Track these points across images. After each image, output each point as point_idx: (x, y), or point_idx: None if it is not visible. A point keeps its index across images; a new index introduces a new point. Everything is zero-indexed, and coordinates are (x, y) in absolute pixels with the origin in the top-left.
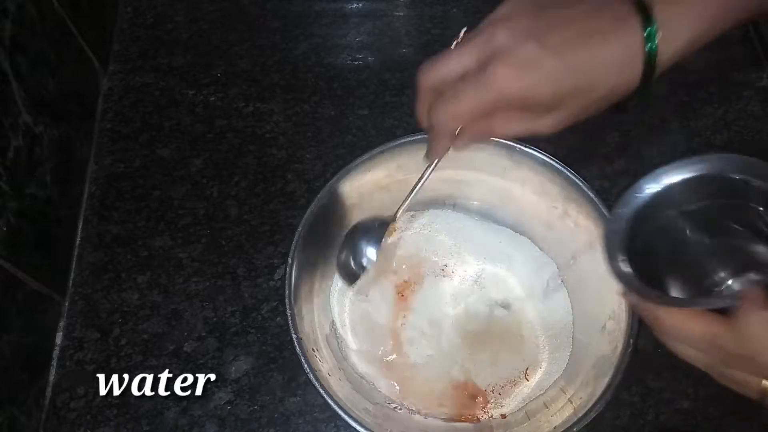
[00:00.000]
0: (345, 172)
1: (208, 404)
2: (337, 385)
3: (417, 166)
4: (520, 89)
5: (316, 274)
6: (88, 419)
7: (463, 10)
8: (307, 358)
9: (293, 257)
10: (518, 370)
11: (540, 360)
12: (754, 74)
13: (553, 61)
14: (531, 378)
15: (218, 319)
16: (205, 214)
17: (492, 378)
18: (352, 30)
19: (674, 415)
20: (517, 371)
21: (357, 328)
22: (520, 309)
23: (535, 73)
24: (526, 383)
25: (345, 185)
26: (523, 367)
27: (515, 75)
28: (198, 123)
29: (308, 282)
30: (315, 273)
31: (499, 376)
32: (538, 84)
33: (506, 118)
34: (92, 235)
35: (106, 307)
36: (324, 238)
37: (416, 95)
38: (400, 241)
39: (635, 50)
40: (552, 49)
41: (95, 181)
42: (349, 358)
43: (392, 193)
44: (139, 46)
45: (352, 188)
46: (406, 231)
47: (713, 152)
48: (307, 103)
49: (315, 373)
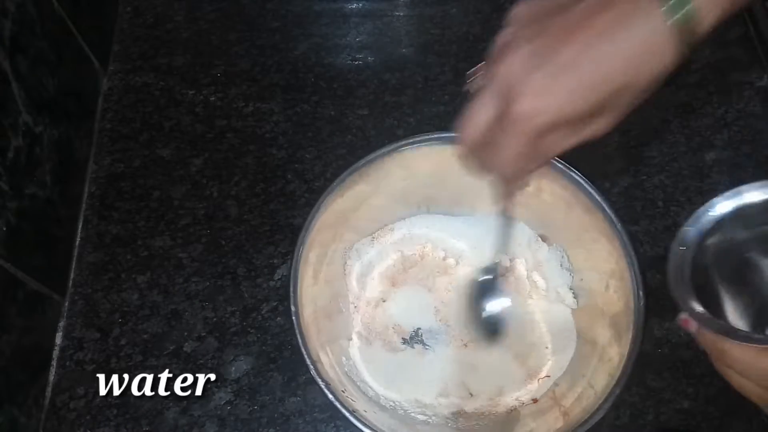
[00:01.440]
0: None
1: (208, 404)
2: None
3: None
4: (550, 117)
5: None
6: (88, 419)
7: (463, 10)
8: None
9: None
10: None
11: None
12: (754, 74)
13: (571, 77)
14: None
15: (218, 319)
16: (205, 214)
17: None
18: (352, 30)
19: (674, 415)
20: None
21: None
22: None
23: (557, 96)
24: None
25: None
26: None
27: (538, 107)
28: (198, 123)
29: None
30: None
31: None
32: (564, 106)
33: (556, 139)
34: (92, 235)
35: (106, 307)
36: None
37: (463, 157)
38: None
39: (660, 29)
40: (565, 66)
41: (95, 181)
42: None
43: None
44: (139, 46)
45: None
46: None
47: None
48: (307, 103)
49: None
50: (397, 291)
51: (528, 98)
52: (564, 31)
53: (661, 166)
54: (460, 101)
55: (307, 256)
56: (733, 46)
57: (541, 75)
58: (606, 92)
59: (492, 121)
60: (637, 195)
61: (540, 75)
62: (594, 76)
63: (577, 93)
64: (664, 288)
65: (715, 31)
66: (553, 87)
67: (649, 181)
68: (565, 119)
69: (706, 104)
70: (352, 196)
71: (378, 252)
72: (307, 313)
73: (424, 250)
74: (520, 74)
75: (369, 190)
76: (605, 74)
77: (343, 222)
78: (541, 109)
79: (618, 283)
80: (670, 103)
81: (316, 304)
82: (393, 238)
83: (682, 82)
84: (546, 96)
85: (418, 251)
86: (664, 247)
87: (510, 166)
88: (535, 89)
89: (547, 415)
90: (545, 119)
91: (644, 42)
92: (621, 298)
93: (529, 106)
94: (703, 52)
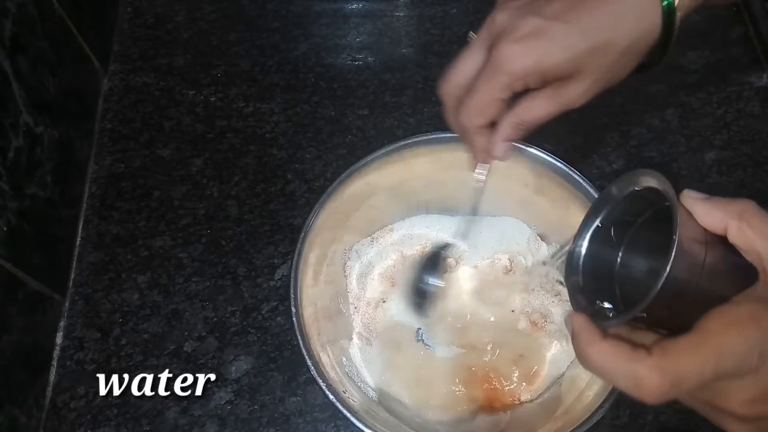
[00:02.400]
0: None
1: (208, 404)
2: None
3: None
4: (531, 61)
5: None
6: (89, 419)
7: (462, 10)
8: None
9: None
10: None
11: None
12: (754, 74)
13: (558, 25)
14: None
15: (218, 319)
16: (206, 214)
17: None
18: (352, 30)
19: (674, 415)
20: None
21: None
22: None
23: (542, 41)
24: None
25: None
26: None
27: (521, 49)
28: (198, 123)
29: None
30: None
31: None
32: (547, 52)
33: (531, 101)
34: (92, 235)
35: (107, 307)
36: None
37: (443, 108)
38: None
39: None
40: (555, 16)
41: (95, 181)
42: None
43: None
44: (139, 46)
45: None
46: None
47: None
48: (307, 103)
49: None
50: (397, 291)
51: (510, 43)
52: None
53: (661, 166)
54: None
55: (307, 257)
56: (733, 46)
57: (529, 22)
58: (587, 45)
59: (475, 69)
60: None
61: (528, 22)
62: (578, 27)
63: (561, 41)
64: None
65: (700, 11)
66: (536, 35)
67: None
68: (543, 70)
69: (706, 104)
70: (351, 196)
71: (378, 252)
72: (308, 314)
73: (424, 250)
74: (509, 21)
75: (369, 190)
76: (589, 27)
77: (343, 222)
78: (524, 52)
79: None
80: (670, 103)
81: (316, 304)
82: (393, 239)
83: (682, 82)
84: (530, 40)
85: (418, 251)
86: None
87: (480, 115)
88: (519, 36)
89: (547, 414)
90: (527, 62)
91: (628, 3)
92: None
93: (510, 50)
94: (703, 52)
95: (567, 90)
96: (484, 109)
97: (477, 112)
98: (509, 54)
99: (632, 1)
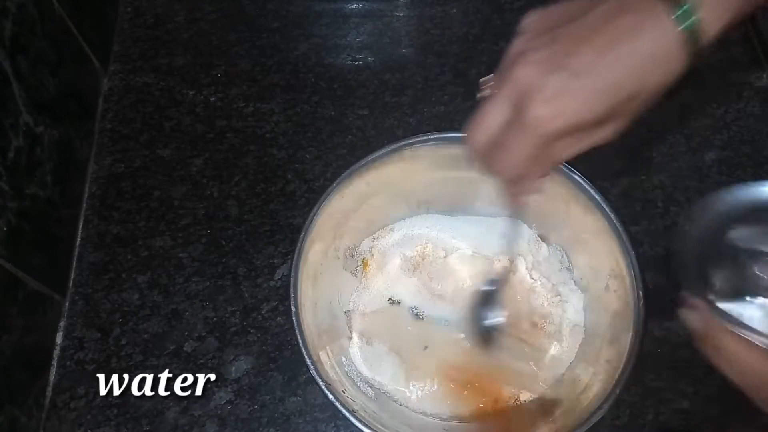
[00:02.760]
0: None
1: (208, 404)
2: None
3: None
4: (563, 121)
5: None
6: (89, 419)
7: (463, 10)
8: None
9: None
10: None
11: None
12: (754, 74)
13: (585, 83)
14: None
15: (218, 319)
16: (206, 214)
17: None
18: (352, 30)
19: (674, 415)
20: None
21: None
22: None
23: (571, 101)
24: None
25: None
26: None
27: (552, 111)
28: (198, 123)
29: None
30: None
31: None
32: (579, 110)
33: (565, 144)
34: (93, 235)
35: (107, 307)
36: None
37: (471, 157)
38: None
39: (670, 37)
40: (579, 72)
41: (96, 181)
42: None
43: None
44: (140, 46)
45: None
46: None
47: None
48: (307, 103)
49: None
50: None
51: (543, 102)
52: (577, 39)
53: (661, 166)
54: (460, 101)
55: (307, 257)
56: (733, 46)
57: (556, 80)
58: (618, 98)
59: (503, 124)
60: (637, 195)
61: (555, 79)
62: (608, 82)
63: (592, 98)
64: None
65: (719, 41)
66: (568, 92)
67: (649, 181)
68: (579, 124)
69: (705, 104)
70: (352, 196)
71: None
72: (307, 314)
73: (424, 250)
74: (535, 79)
75: (369, 190)
76: (618, 80)
77: (343, 222)
78: (556, 114)
79: (617, 283)
80: (669, 103)
81: (316, 304)
82: (393, 239)
83: (682, 82)
84: (561, 100)
85: (419, 251)
86: (664, 247)
87: (518, 169)
88: (550, 94)
89: (546, 414)
90: (560, 123)
91: (655, 49)
92: (620, 298)
93: (545, 110)
94: None
95: (598, 133)
96: (518, 165)
97: (511, 167)
98: (541, 116)
99: (654, 46)
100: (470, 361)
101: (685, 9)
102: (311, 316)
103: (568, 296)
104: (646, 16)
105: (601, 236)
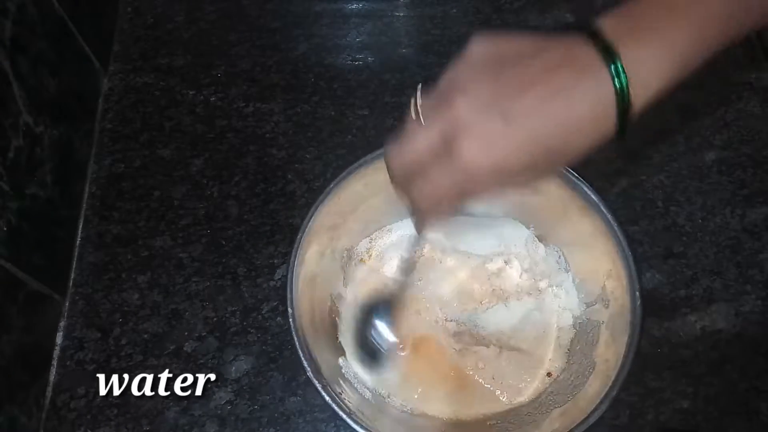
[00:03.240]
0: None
1: (208, 404)
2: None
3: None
4: (490, 164)
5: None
6: (89, 419)
7: (462, 10)
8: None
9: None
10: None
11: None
12: (754, 74)
13: (519, 132)
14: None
15: (218, 318)
16: (206, 214)
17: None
18: (352, 30)
19: (674, 415)
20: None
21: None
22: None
23: (502, 147)
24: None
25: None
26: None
27: (482, 153)
28: (198, 123)
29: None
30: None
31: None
32: (506, 157)
33: (484, 184)
34: (93, 235)
35: (107, 307)
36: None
37: (390, 176)
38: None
39: (606, 101)
40: (516, 120)
41: (96, 181)
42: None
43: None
44: (140, 46)
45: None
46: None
47: None
48: (307, 103)
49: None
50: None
51: (474, 143)
52: (520, 83)
53: (661, 166)
54: None
55: (305, 258)
56: (733, 46)
57: (492, 121)
58: (545, 153)
59: (429, 152)
60: (637, 195)
61: (490, 122)
62: (538, 136)
63: (521, 148)
64: (662, 288)
65: (650, 111)
66: (501, 137)
67: (649, 181)
68: (503, 170)
69: (705, 104)
70: (349, 197)
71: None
72: (305, 314)
73: (422, 251)
74: (472, 115)
75: (367, 191)
76: (548, 136)
77: (341, 223)
78: (485, 155)
79: (615, 283)
80: (669, 103)
81: (313, 304)
82: (390, 240)
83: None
84: (493, 145)
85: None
86: (663, 247)
87: (432, 201)
88: (484, 134)
89: (544, 415)
90: (486, 165)
91: (587, 112)
92: (618, 299)
93: (475, 150)
94: None
95: (518, 178)
96: (437, 197)
97: (428, 197)
98: (469, 156)
99: (590, 107)
100: (466, 365)
101: (618, 65)
102: (309, 317)
103: (565, 297)
104: (585, 73)
105: (599, 237)
